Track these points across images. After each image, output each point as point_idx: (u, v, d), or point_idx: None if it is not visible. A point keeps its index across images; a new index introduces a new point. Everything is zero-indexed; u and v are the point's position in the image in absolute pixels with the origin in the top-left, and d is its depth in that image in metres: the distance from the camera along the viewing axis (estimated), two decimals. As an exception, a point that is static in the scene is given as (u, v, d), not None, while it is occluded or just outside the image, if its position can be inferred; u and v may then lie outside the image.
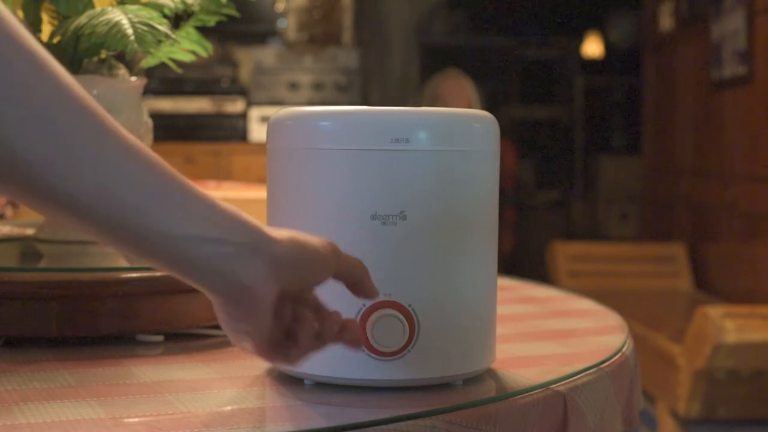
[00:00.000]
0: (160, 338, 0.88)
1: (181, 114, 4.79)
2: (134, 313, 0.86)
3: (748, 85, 3.83)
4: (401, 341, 0.70)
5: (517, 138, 6.39)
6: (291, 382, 0.73)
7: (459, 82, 3.93)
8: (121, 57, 1.04)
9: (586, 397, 0.76)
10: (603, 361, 0.83)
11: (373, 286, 0.68)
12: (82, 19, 0.96)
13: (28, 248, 1.06)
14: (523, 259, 5.90)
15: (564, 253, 4.39)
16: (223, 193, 2.41)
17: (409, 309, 0.70)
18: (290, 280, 0.63)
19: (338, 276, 0.66)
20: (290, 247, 0.62)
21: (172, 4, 1.03)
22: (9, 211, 2.03)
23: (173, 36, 0.99)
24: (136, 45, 0.93)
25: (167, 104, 4.76)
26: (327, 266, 0.65)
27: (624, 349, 0.88)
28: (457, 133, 0.72)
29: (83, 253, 1.01)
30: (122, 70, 1.06)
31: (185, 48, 1.08)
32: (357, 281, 0.67)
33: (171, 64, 1.10)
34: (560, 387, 0.75)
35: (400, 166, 0.70)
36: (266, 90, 4.94)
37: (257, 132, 4.80)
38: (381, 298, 0.70)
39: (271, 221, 0.75)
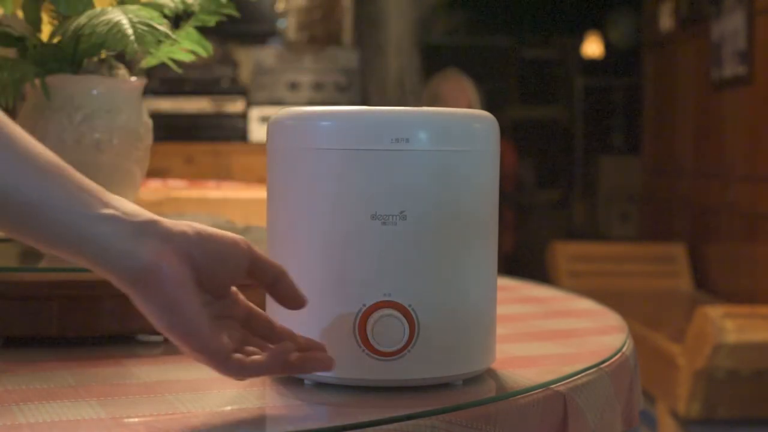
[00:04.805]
0: (160, 338, 0.88)
1: (181, 114, 4.79)
2: (134, 313, 0.86)
3: (749, 85, 3.83)
4: (401, 341, 0.70)
5: (517, 138, 6.39)
6: (291, 382, 0.73)
7: (459, 82, 3.93)
8: (121, 57, 1.04)
9: (586, 397, 0.76)
10: (603, 361, 0.83)
11: (297, 291, 0.67)
12: (82, 19, 0.96)
13: (28, 248, 1.05)
14: (523, 259, 5.90)
15: (564, 253, 4.39)
16: (223, 193, 2.41)
17: (409, 309, 0.70)
18: (196, 262, 0.63)
19: (252, 274, 0.66)
20: (186, 228, 0.64)
21: (172, 4, 1.03)
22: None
23: (173, 36, 0.99)
24: (136, 45, 0.93)
25: (167, 104, 4.76)
26: (236, 257, 0.65)
27: (624, 349, 0.88)
28: (457, 133, 0.72)
29: (83, 253, 1.01)
30: (122, 70, 1.06)
31: (185, 48, 1.08)
32: (273, 281, 0.67)
33: (171, 64, 1.10)
34: (560, 387, 0.75)
35: (400, 166, 0.70)
36: (266, 90, 4.93)
37: (257, 132, 4.79)
38: (381, 298, 0.70)
39: (271, 221, 0.75)
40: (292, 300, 0.68)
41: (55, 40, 1.01)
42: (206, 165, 4.64)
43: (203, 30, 1.09)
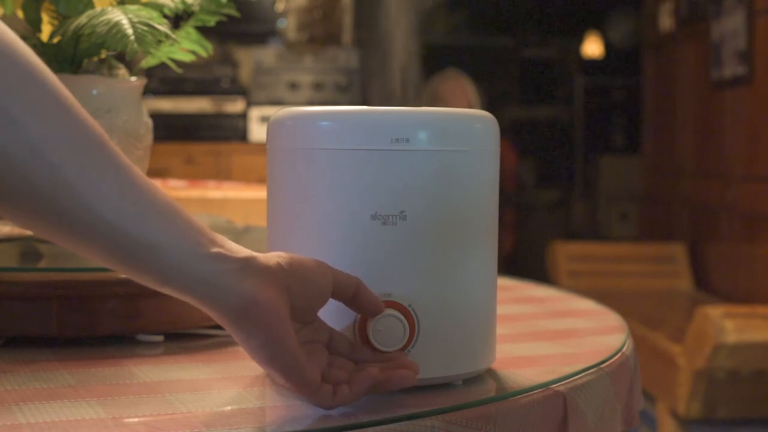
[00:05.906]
0: (160, 338, 0.88)
1: (181, 114, 4.79)
2: (134, 313, 0.86)
3: (748, 85, 3.83)
4: (401, 341, 0.70)
5: (517, 138, 6.39)
6: (291, 382, 0.73)
7: (459, 82, 3.93)
8: (121, 57, 1.04)
9: (586, 397, 0.76)
10: (603, 361, 0.83)
11: (375, 297, 0.69)
12: (82, 19, 0.96)
13: (28, 248, 1.06)
14: (523, 259, 5.90)
15: (564, 253, 4.39)
16: (223, 193, 2.41)
17: (409, 309, 0.70)
18: (292, 292, 0.64)
19: (334, 291, 0.67)
20: (278, 259, 0.65)
21: (172, 4, 1.03)
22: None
23: (173, 36, 0.99)
24: (136, 45, 0.93)
25: (167, 104, 4.76)
26: (323, 278, 0.66)
27: (624, 349, 0.88)
28: (457, 133, 0.72)
29: (83, 253, 1.01)
30: (122, 70, 1.06)
31: (185, 48, 1.08)
32: (353, 294, 0.68)
33: (171, 64, 1.10)
34: (560, 387, 0.75)
35: (400, 166, 0.70)
36: (266, 90, 4.94)
37: (257, 132, 4.80)
38: (381, 298, 0.70)
39: (271, 221, 0.75)
40: (373, 308, 0.69)
41: (55, 40, 1.01)
42: (206, 165, 4.64)
43: (203, 30, 1.09)
